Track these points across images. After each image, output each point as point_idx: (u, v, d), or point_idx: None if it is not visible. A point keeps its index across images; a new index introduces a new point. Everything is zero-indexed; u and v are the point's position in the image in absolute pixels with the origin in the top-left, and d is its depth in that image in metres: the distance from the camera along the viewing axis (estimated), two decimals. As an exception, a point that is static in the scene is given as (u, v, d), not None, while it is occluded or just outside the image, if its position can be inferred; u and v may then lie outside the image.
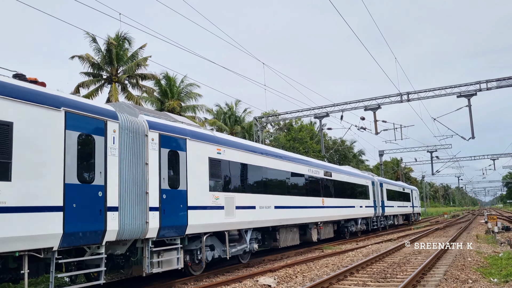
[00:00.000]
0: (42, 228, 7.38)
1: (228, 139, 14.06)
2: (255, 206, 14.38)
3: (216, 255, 12.59)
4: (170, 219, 10.43)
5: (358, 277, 11.72)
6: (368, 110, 28.95)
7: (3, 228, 6.76)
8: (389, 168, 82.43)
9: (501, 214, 57.38)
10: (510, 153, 60.73)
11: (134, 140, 9.68)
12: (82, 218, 8.14)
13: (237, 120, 44.18)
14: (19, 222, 7.02)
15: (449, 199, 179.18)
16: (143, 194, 9.74)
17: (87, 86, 29.95)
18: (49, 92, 8.07)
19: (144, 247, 9.95)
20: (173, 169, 10.80)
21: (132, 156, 9.58)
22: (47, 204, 7.54)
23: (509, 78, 25.64)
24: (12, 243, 6.91)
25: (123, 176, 9.23)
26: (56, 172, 7.78)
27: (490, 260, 14.00)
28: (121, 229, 9.00)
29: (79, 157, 8.27)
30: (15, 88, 7.33)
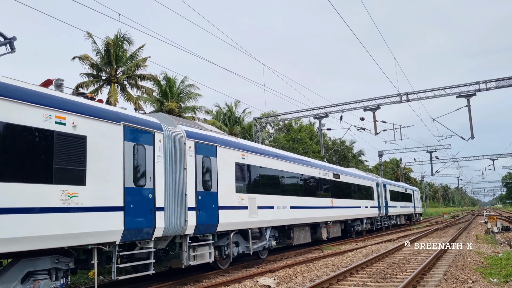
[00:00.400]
0: (108, 225, 8.75)
1: (251, 145, 15.56)
2: (273, 206, 15.73)
3: (240, 251, 13.95)
4: (204, 217, 11.84)
5: (358, 277, 11.71)
6: (368, 111, 28.94)
7: (81, 224, 8.14)
8: (388, 168, 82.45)
9: (500, 215, 57.40)
10: (509, 153, 60.77)
11: (175, 148, 11.14)
12: (137, 217, 9.54)
13: (237, 120, 44.16)
14: (91, 220, 8.38)
15: (449, 199, 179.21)
16: (182, 195, 11.17)
17: (86, 87, 29.92)
18: (111, 109, 9.70)
19: (183, 243, 11.37)
20: (206, 173, 12.25)
21: (174, 162, 11.02)
22: (111, 205, 8.94)
23: (508, 78, 25.64)
24: (87, 237, 8.29)
25: (167, 180, 10.64)
26: (118, 177, 9.19)
27: (490, 260, 13.99)
28: (166, 226, 10.38)
29: (134, 164, 9.73)
30: (87, 107, 8.75)
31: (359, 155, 72.13)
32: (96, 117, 8.84)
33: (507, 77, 25.65)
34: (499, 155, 63.09)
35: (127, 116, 9.79)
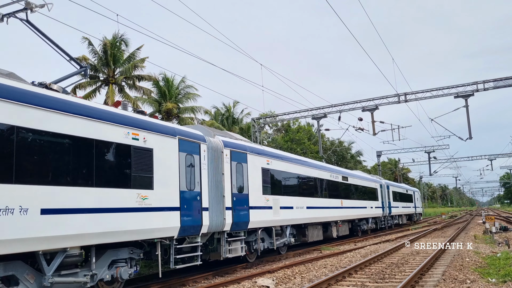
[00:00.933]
0: (169, 222, 10.53)
1: (274, 152, 17.61)
2: (293, 206, 17.56)
3: (265, 246, 15.66)
4: (239, 216, 13.60)
5: (356, 278, 11.70)
6: (366, 111, 28.96)
7: (150, 221, 9.92)
8: (387, 169, 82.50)
9: (498, 215, 57.48)
10: (507, 154, 60.89)
11: (214, 156, 12.95)
12: (189, 216, 11.29)
13: (235, 121, 44.14)
14: (157, 218, 10.14)
15: (447, 199, 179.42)
16: (221, 197, 12.93)
17: (84, 88, 29.87)
18: (169, 125, 11.60)
19: (221, 238, 13.07)
20: (239, 177, 14.01)
21: (214, 168, 12.81)
22: (171, 206, 10.71)
23: (506, 78, 25.69)
24: (154, 232, 10.06)
25: (209, 184, 12.41)
26: (175, 182, 10.98)
27: (488, 260, 14.00)
28: (210, 224, 12.12)
29: (186, 171, 11.49)
30: (153, 124, 10.66)
31: (358, 155, 72.16)
32: (159, 132, 10.72)
33: (504, 77, 25.69)
34: (497, 155, 63.21)
35: (181, 131, 11.70)
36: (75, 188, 8.29)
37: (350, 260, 15.40)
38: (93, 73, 30.84)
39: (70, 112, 8.34)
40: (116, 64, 30.61)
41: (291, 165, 18.15)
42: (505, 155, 61.85)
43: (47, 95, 8.12)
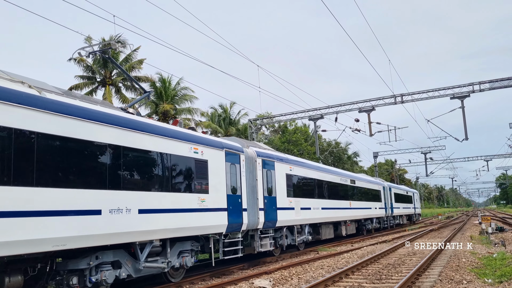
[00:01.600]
0: (219, 221, 12.65)
1: (295, 159, 20.17)
2: (310, 207, 19.65)
3: (288, 242, 17.75)
4: (269, 216, 15.64)
5: (353, 278, 11.72)
6: (363, 112, 29.05)
7: (207, 220, 12.08)
8: (383, 169, 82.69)
9: (494, 215, 57.63)
10: (503, 154, 61.16)
11: (250, 164, 15.00)
12: (233, 215, 13.32)
13: (232, 122, 44.14)
14: (212, 217, 12.30)
15: (443, 200, 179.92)
16: (255, 199, 14.92)
17: (80, 89, 29.83)
18: (218, 139, 13.96)
19: (255, 235, 15.18)
20: (269, 182, 16.11)
21: (250, 175, 14.85)
22: (221, 207, 12.85)
23: (502, 79, 25.81)
24: (209, 229, 12.22)
25: (247, 189, 14.46)
26: (223, 187, 13.13)
27: (485, 261, 14.05)
28: (248, 222, 14.14)
29: (231, 178, 13.61)
30: (207, 139, 12.96)
31: (354, 156, 72.28)
32: (212, 146, 12.88)
33: (500, 78, 25.82)
34: (493, 156, 63.49)
35: (226, 144, 13.82)
36: (160, 193, 10.53)
37: (347, 261, 15.43)
38: (90, 74, 30.81)
39: (156, 134, 10.68)
40: (113, 66, 30.58)
41: (309, 170, 20.41)
42: (501, 156, 62.14)
43: (144, 121, 10.70)
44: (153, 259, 10.56)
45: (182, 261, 11.61)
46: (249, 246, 15.08)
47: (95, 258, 9.01)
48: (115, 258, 9.52)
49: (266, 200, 15.58)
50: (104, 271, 9.14)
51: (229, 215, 13.11)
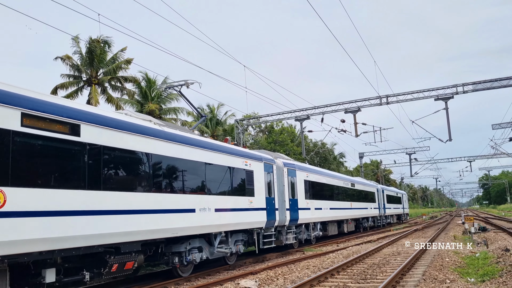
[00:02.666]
0: (261, 218, 16.13)
1: (310, 167, 24.05)
2: (321, 208, 23.21)
3: (305, 237, 21.36)
4: (293, 215, 19.13)
5: (338, 278, 11.78)
6: (348, 113, 29.21)
7: (253, 217, 15.50)
8: (369, 170, 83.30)
9: (477, 215, 58.50)
10: (486, 155, 62.04)
11: (279, 173, 18.40)
12: (270, 214, 16.78)
13: (219, 122, 44.01)
14: (256, 215, 15.76)
15: (427, 200, 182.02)
16: (283, 201, 18.26)
17: (66, 88, 29.46)
18: (259, 153, 17.54)
19: (283, 230, 18.58)
20: (292, 187, 19.58)
21: (279, 181, 18.28)
22: (261, 207, 16.31)
23: (484, 81, 26.22)
24: (254, 224, 15.65)
25: (278, 192, 17.86)
26: (263, 191, 16.56)
27: (467, 260, 14.25)
28: (279, 220, 17.64)
29: (267, 184, 17.04)
30: (252, 154, 16.62)
31: (340, 157, 72.68)
32: (255, 159, 16.40)
33: (483, 80, 26.22)
34: (476, 156, 64.40)
35: (264, 157, 17.32)
36: (227, 196, 14.09)
37: (332, 261, 15.50)
38: (76, 74, 30.44)
39: (226, 152, 14.50)
40: (99, 65, 30.27)
41: (320, 176, 24.11)
42: (484, 157, 63.05)
43: (220, 144, 14.82)
44: (220, 245, 13.99)
45: (237, 248, 15.16)
46: (277, 239, 17.94)
47: (188, 244, 12.45)
48: (199, 244, 13.05)
49: (290, 202, 19.04)
50: (194, 254, 12.69)
51: (267, 214, 16.61)
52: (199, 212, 12.35)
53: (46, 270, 8.21)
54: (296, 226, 20.06)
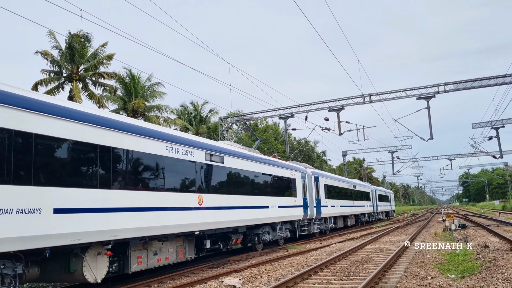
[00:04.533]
0: (300, 212, 22.14)
1: (328, 174, 31.93)
2: (335, 205, 29.75)
3: (323, 228, 27.55)
4: (318, 211, 25.16)
5: (322, 275, 11.85)
6: (332, 111, 29.36)
7: (295, 212, 21.49)
8: (352, 168, 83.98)
9: (457, 213, 59.53)
10: (466, 154, 63.13)
11: (309, 179, 24.33)
12: (305, 210, 22.70)
13: (203, 120, 43.81)
14: (297, 211, 21.79)
15: (409, 198, 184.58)
16: (312, 200, 24.18)
17: (46, 84, 28.94)
18: (299, 165, 24.06)
19: (311, 222, 24.66)
20: (317, 190, 25.64)
21: (309, 186, 24.08)
22: (300, 204, 22.23)
23: (465, 81, 26.65)
24: (296, 217, 21.77)
25: (309, 194, 23.57)
26: (301, 193, 22.37)
27: (448, 257, 14.49)
28: (309, 214, 23.42)
29: (303, 187, 22.75)
30: (293, 166, 22.70)
31: (324, 155, 73.09)
32: (296, 170, 22.27)
33: (464, 80, 26.66)
34: (456, 155, 65.45)
35: (301, 168, 23.36)
36: (282, 197, 19.94)
37: (316, 259, 15.58)
38: (56, 69, 29.91)
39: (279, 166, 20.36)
40: (81, 60, 29.79)
41: (334, 181, 30.79)
42: (464, 156, 64.12)
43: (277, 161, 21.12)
44: (279, 232, 20.06)
45: (286, 234, 21.31)
46: (307, 229, 24.12)
47: (263, 229, 18.49)
48: (268, 230, 19.08)
49: (316, 201, 25.05)
50: (265, 236, 18.76)
51: (303, 210, 22.70)
52: (271, 208, 18.65)
53: (206, 240, 14.39)
54: (319, 219, 26.50)
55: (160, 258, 12.07)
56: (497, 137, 37.59)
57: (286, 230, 21.17)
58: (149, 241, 11.42)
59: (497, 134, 37.53)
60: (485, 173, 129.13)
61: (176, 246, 12.80)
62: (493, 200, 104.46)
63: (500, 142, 37.53)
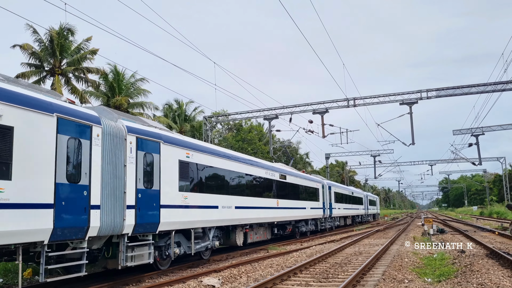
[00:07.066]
0: (320, 212, 31.51)
1: (337, 184, 41.95)
2: (340, 208, 38.09)
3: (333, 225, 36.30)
4: (330, 212, 34.28)
5: (301, 277, 11.89)
6: (316, 114, 29.54)
7: (318, 212, 30.56)
8: (334, 171, 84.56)
9: (436, 217, 60.43)
10: (446, 160, 64.18)
11: (324, 188, 33.04)
12: (324, 211, 32.41)
13: (187, 118, 43.57)
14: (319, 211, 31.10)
15: (390, 202, 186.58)
16: (328, 204, 33.67)
17: (28, 78, 28.42)
18: (319, 178, 34.39)
19: (326, 220, 33.50)
20: (330, 196, 34.30)
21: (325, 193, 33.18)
22: (320, 207, 31.48)
23: (447, 88, 27.11)
24: (318, 216, 30.71)
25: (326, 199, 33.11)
26: (321, 198, 31.73)
27: (425, 261, 14.68)
28: (326, 214, 32.87)
29: (322, 194, 32.15)
30: (316, 179, 32.19)
31: (307, 157, 73.48)
32: (318, 182, 31.61)
33: (446, 87, 27.12)
34: (437, 161, 66.52)
35: (321, 180, 32.68)
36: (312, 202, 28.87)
37: (295, 260, 15.62)
38: (37, 63, 29.42)
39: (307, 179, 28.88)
40: (63, 54, 29.33)
41: (340, 189, 39.96)
42: (444, 161, 65.21)
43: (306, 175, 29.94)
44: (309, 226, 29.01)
45: (312, 227, 29.57)
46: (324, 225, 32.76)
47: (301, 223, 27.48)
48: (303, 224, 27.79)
49: (330, 204, 33.94)
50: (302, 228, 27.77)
51: (323, 211, 31.20)
52: (307, 209, 27.31)
53: (275, 228, 22.77)
54: (331, 218, 34.65)
55: (259, 236, 20.56)
56: (476, 144, 38.36)
57: (312, 225, 29.85)
58: (256, 226, 19.98)
59: (477, 141, 38.28)
60: (464, 179, 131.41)
61: (264, 230, 21.31)
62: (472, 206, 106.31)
63: (479, 149, 38.32)
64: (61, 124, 8.97)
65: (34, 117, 8.38)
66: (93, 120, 9.92)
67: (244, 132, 53.06)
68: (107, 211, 10.03)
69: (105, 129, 10.26)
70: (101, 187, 9.92)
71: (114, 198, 10.35)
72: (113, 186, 10.35)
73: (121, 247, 10.70)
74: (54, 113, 8.88)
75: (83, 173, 9.44)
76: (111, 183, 10.27)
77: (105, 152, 10.14)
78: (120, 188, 10.57)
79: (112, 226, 10.16)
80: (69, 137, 9.18)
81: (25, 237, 8.00)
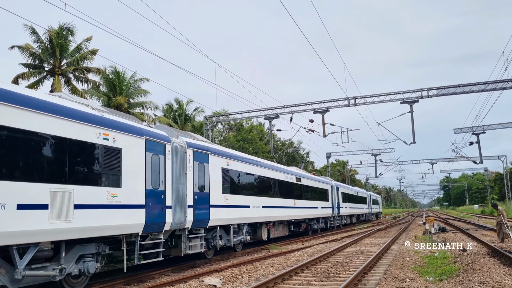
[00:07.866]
0: (330, 211, 34.16)
1: (344, 185, 44.23)
2: (347, 207, 40.64)
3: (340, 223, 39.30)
4: (339, 210, 36.79)
5: (302, 276, 11.87)
6: (317, 113, 29.49)
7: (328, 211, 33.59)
8: (335, 170, 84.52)
9: (438, 216, 60.37)
10: (447, 158, 64.09)
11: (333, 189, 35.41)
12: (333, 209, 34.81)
13: (187, 118, 43.54)
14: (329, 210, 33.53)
15: (391, 201, 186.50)
16: (336, 203, 35.90)
17: (27, 78, 28.43)
18: (328, 180, 36.89)
19: (334, 218, 36.30)
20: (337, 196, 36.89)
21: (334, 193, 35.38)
22: (330, 206, 33.95)
23: (448, 87, 27.05)
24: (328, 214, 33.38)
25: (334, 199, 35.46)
26: (331, 198, 34.73)
27: (427, 260, 14.66)
28: (334, 213, 34.91)
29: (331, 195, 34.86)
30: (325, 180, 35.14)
31: (307, 156, 73.40)
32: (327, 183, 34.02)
33: (447, 85, 27.06)
34: (438, 159, 66.42)
35: (329, 182, 35.18)
36: (322, 202, 31.02)
37: (297, 259, 15.61)
38: (37, 63, 29.42)
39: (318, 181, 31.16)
40: (63, 55, 29.33)
41: (347, 190, 42.37)
42: (445, 160, 65.09)
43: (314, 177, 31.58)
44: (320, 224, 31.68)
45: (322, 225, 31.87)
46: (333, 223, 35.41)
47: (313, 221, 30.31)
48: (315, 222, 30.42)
49: (338, 203, 36.11)
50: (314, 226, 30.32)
51: (332, 209, 32.89)
52: (318, 208, 29.43)
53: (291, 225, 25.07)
54: (338, 217, 37.22)
55: (279, 232, 22.92)
56: (477, 142, 38.26)
57: (323, 223, 32.03)
58: (277, 224, 22.37)
59: (478, 140, 38.19)
60: (465, 177, 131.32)
61: (283, 227, 23.62)
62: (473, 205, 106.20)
63: (480, 147, 38.23)
64: (147, 144, 11.70)
65: (132, 140, 11.12)
66: (166, 139, 12.66)
67: (245, 132, 53.04)
68: (175, 210, 12.64)
69: (173, 145, 12.97)
70: (171, 191, 12.54)
71: (180, 200, 12.98)
72: (179, 190, 12.98)
73: (183, 238, 13.39)
74: (144, 136, 11.59)
75: (161, 181, 12.09)
76: (177, 188, 12.89)
77: (173, 163, 12.81)
78: (183, 192, 13.25)
79: (179, 222, 12.76)
80: (152, 154, 11.90)
81: (128, 229, 10.62)
